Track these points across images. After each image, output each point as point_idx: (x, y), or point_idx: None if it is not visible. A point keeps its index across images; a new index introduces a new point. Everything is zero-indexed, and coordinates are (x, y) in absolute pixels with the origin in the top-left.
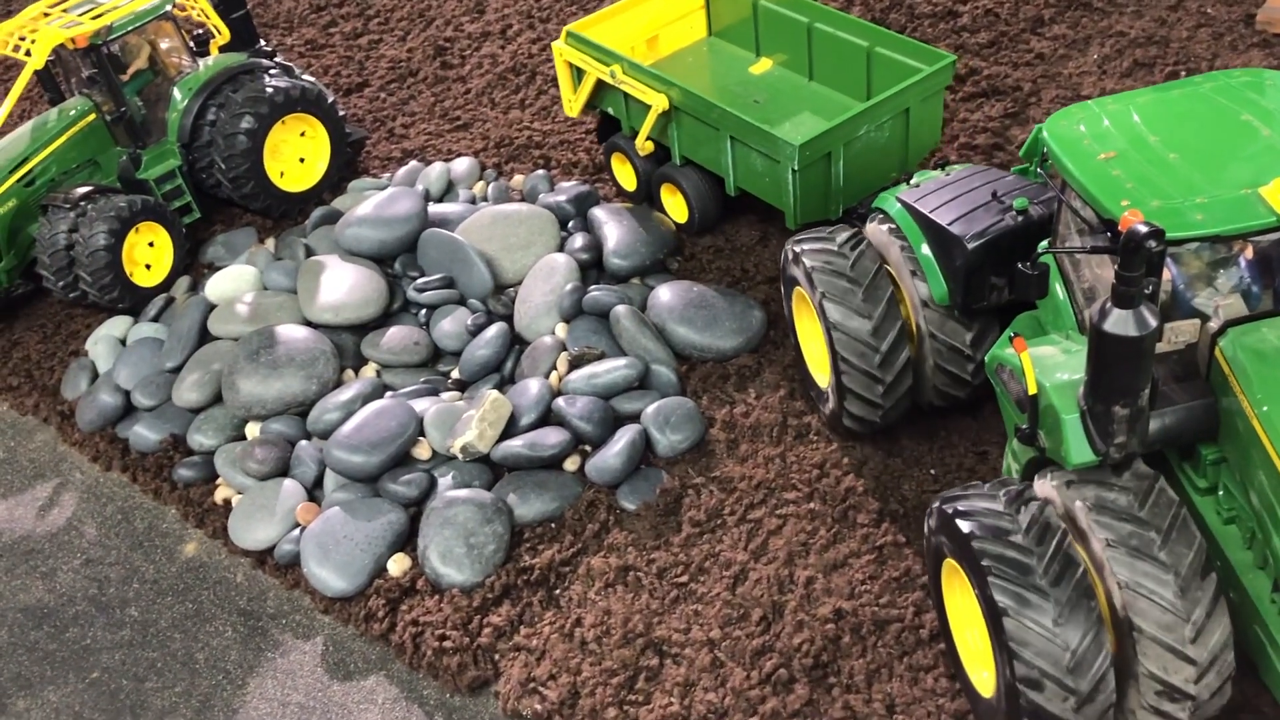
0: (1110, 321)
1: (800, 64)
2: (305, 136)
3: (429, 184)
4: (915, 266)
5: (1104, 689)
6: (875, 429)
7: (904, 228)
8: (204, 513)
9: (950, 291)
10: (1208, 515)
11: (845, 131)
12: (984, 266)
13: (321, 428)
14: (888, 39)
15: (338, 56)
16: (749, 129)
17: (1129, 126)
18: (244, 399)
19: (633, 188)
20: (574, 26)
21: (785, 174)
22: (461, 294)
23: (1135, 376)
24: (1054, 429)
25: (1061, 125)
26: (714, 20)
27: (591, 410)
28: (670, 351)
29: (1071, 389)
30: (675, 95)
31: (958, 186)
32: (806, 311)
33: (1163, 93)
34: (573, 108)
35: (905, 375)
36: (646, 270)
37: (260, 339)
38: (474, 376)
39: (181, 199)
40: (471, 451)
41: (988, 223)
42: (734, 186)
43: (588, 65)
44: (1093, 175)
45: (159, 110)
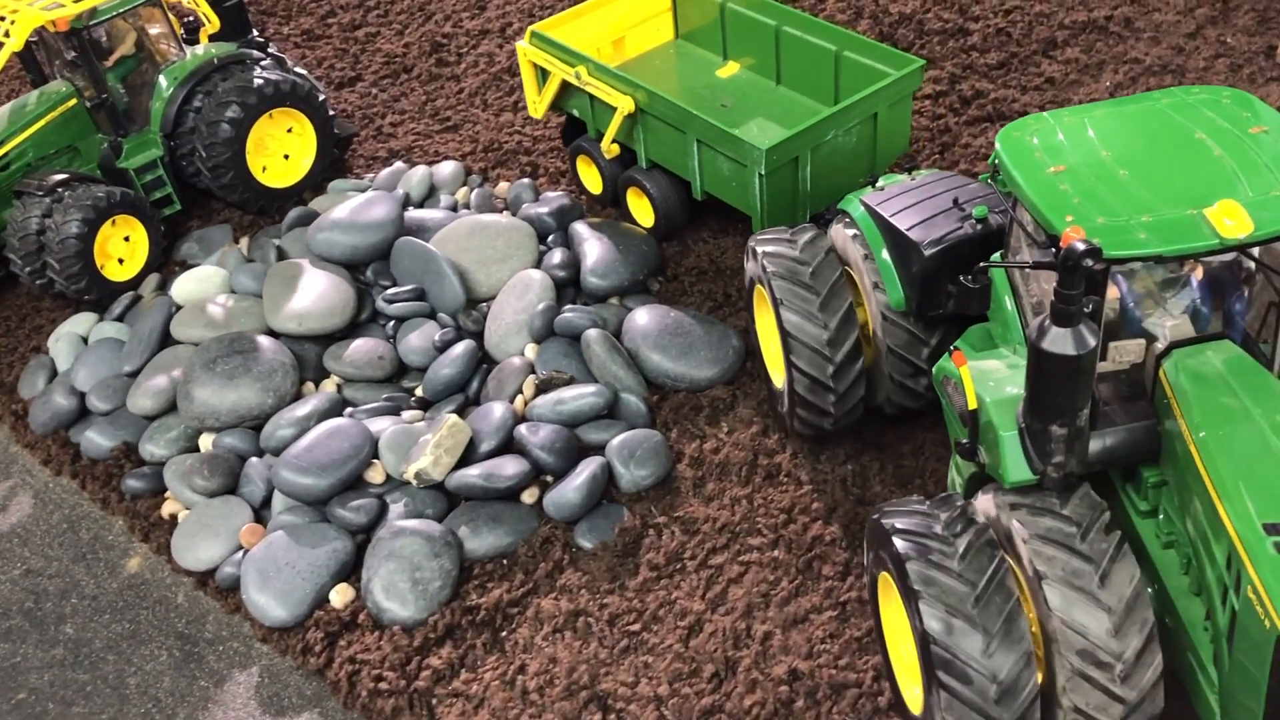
0: (1049, 339)
1: (768, 67)
2: (292, 133)
3: (410, 188)
4: (875, 272)
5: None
6: (826, 433)
7: (865, 231)
8: (150, 527)
9: (906, 298)
10: (1147, 538)
11: (812, 136)
12: (940, 273)
13: (274, 444)
14: (856, 43)
15: (333, 48)
16: (716, 133)
17: (1082, 140)
18: (198, 409)
19: (598, 191)
20: (539, 26)
21: (752, 178)
22: (432, 307)
23: (1074, 396)
24: (993, 445)
25: (1014, 136)
26: (681, 23)
27: (554, 439)
28: (642, 379)
29: (1012, 405)
30: (641, 98)
31: (921, 192)
32: (765, 310)
33: (1119, 107)
34: (537, 109)
35: (858, 385)
36: (625, 290)
37: (219, 347)
38: (438, 396)
39: (162, 190)
40: (425, 478)
41: (946, 229)
42: (701, 191)
43: (552, 66)
44: (1040, 188)
45: (143, 98)
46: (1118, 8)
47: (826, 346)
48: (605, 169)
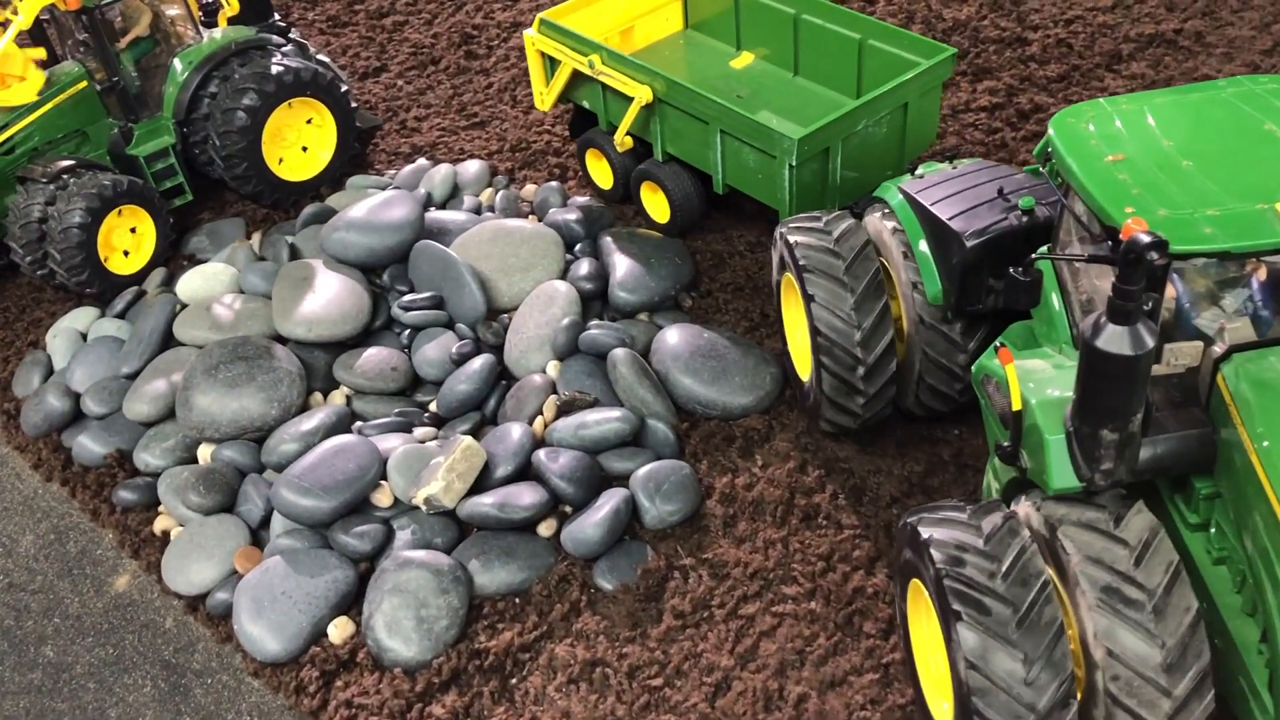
0: (1104, 338)
1: (785, 58)
2: (312, 124)
3: (432, 187)
4: (912, 262)
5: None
6: (861, 410)
7: (903, 220)
8: (141, 543)
9: (945, 291)
10: (1196, 553)
11: (844, 126)
12: (982, 266)
13: (276, 460)
14: (882, 31)
15: (359, 36)
16: (743, 123)
17: (1142, 129)
18: (197, 418)
19: (608, 186)
20: (548, 14)
21: (782, 170)
22: (450, 316)
23: (1128, 399)
24: (1037, 449)
25: (1069, 123)
26: (691, 12)
27: (575, 468)
28: (671, 405)
29: (1058, 408)
30: (660, 87)
31: (963, 180)
32: (795, 299)
33: (1181, 95)
34: (544, 101)
35: (889, 387)
36: (655, 306)
37: (222, 351)
38: (452, 413)
39: (173, 179)
40: (435, 505)
41: (989, 220)
42: (722, 184)
43: (563, 55)
44: (1097, 178)
45: (156, 82)
46: (1188, 20)
47: (859, 347)
48: (617, 163)
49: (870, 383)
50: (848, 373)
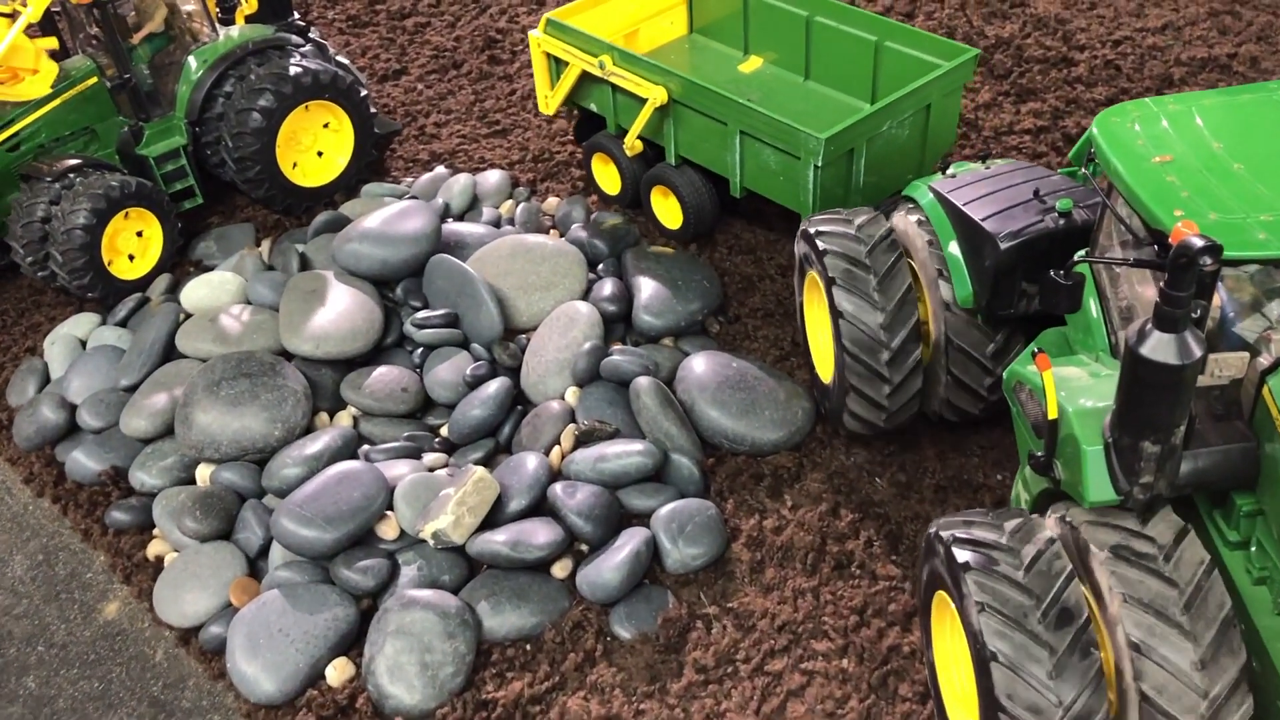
0: (1149, 345)
1: (795, 62)
2: (328, 129)
3: (450, 197)
4: (941, 263)
5: None
6: (877, 432)
7: (933, 219)
8: (134, 568)
9: (975, 294)
10: (1236, 572)
11: (869, 126)
12: (1015, 269)
13: (277, 484)
14: (900, 32)
15: (379, 37)
16: (766, 123)
17: (1190, 130)
18: (196, 437)
19: (616, 191)
20: (555, 14)
21: (806, 171)
22: (465, 335)
23: (1172, 410)
24: (1073, 460)
25: (1114, 122)
26: (697, 16)
27: (593, 504)
28: (696, 439)
29: (1096, 417)
30: (675, 88)
31: (997, 181)
32: (817, 297)
33: (1231, 96)
34: (549, 104)
35: (915, 377)
36: (682, 331)
37: (225, 367)
38: (465, 439)
39: (183, 181)
40: (444, 540)
41: (1025, 222)
42: (740, 187)
43: (571, 56)
44: (1144, 179)
45: (169, 80)
46: (1242, 45)
47: (882, 330)
48: (626, 168)
49: (896, 368)
50: (872, 358)
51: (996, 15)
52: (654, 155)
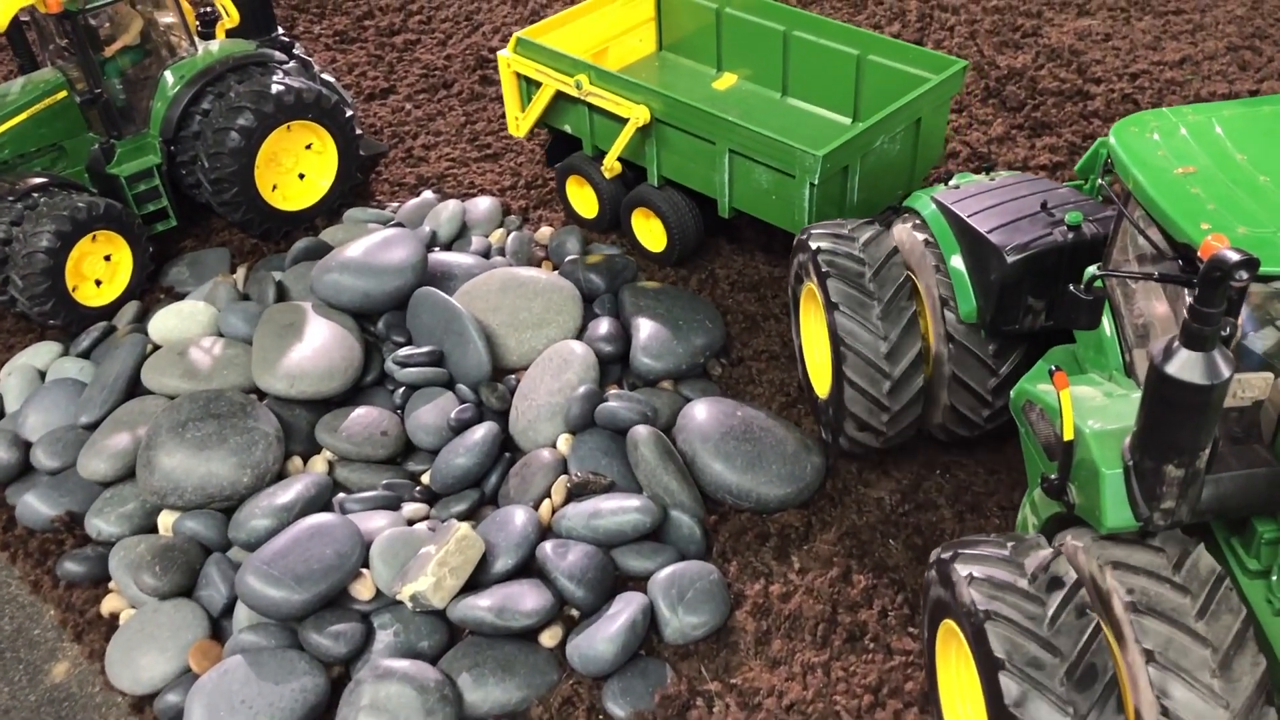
0: (1176, 364)
1: (771, 78)
2: (311, 149)
3: (438, 225)
4: (944, 276)
5: None
6: (880, 441)
7: (936, 232)
8: (86, 625)
9: (980, 309)
10: (1256, 603)
11: (864, 142)
12: (1022, 284)
13: (245, 537)
14: (884, 46)
15: (367, 54)
16: (759, 141)
17: (1212, 140)
18: (159, 482)
19: (592, 215)
20: (526, 32)
21: (801, 190)
22: (451, 375)
23: (1197, 432)
24: (1089, 484)
25: (1132, 132)
26: (666, 33)
27: (586, 566)
28: (697, 494)
29: (1115, 439)
30: (658, 107)
31: (1003, 193)
32: (814, 309)
33: (1251, 108)
34: (520, 126)
35: (915, 404)
36: (683, 375)
37: (193, 406)
38: (448, 489)
39: (156, 202)
40: (423, 603)
41: (1032, 235)
42: (728, 208)
43: (545, 76)
44: (1167, 191)
45: (144, 96)
46: (1264, 81)
47: (885, 360)
48: (604, 190)
49: (896, 397)
50: (873, 387)
51: (1008, 45)
52: (633, 176)
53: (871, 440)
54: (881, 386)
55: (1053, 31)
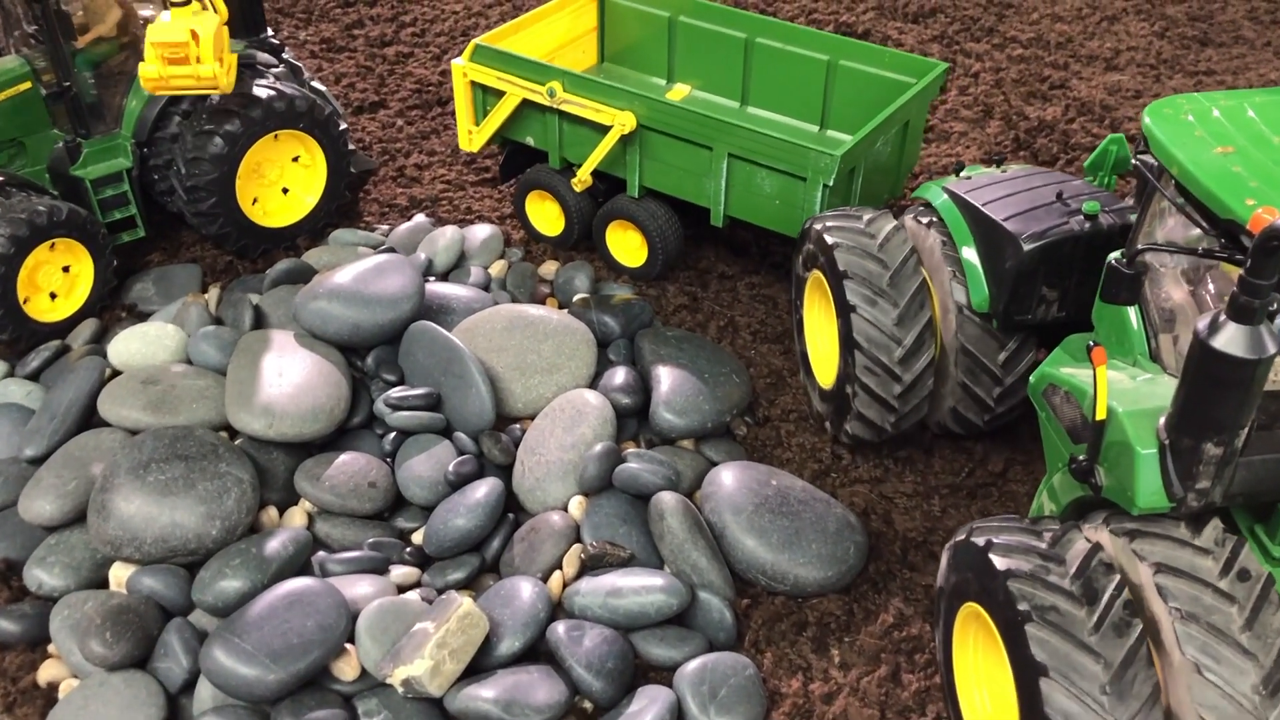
0: (1223, 338)
1: (729, 86)
2: (298, 162)
3: (434, 252)
4: (955, 265)
5: None
6: (882, 438)
7: (948, 221)
8: (19, 695)
9: (992, 297)
10: None
11: (870, 143)
12: (1037, 273)
13: (211, 599)
14: (857, 50)
15: (356, 65)
16: (766, 144)
17: (1246, 123)
18: (114, 530)
19: (557, 232)
20: (485, 39)
21: (814, 192)
22: (448, 421)
23: (1239, 409)
24: (1119, 464)
25: (1166, 113)
26: (608, 43)
27: (605, 654)
28: (727, 573)
29: (1149, 418)
30: (645, 112)
31: (1016, 183)
32: (820, 298)
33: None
34: (474, 141)
35: (926, 376)
36: (707, 434)
37: (156, 445)
38: (443, 552)
39: (124, 210)
40: (417, 689)
41: (1049, 224)
42: (722, 216)
43: (508, 84)
44: (1209, 170)
45: (117, 93)
46: None
47: (895, 326)
48: (573, 205)
49: (908, 367)
50: (883, 389)
51: (1036, 96)
52: (604, 189)
53: (873, 436)
54: (893, 389)
55: (1081, 85)
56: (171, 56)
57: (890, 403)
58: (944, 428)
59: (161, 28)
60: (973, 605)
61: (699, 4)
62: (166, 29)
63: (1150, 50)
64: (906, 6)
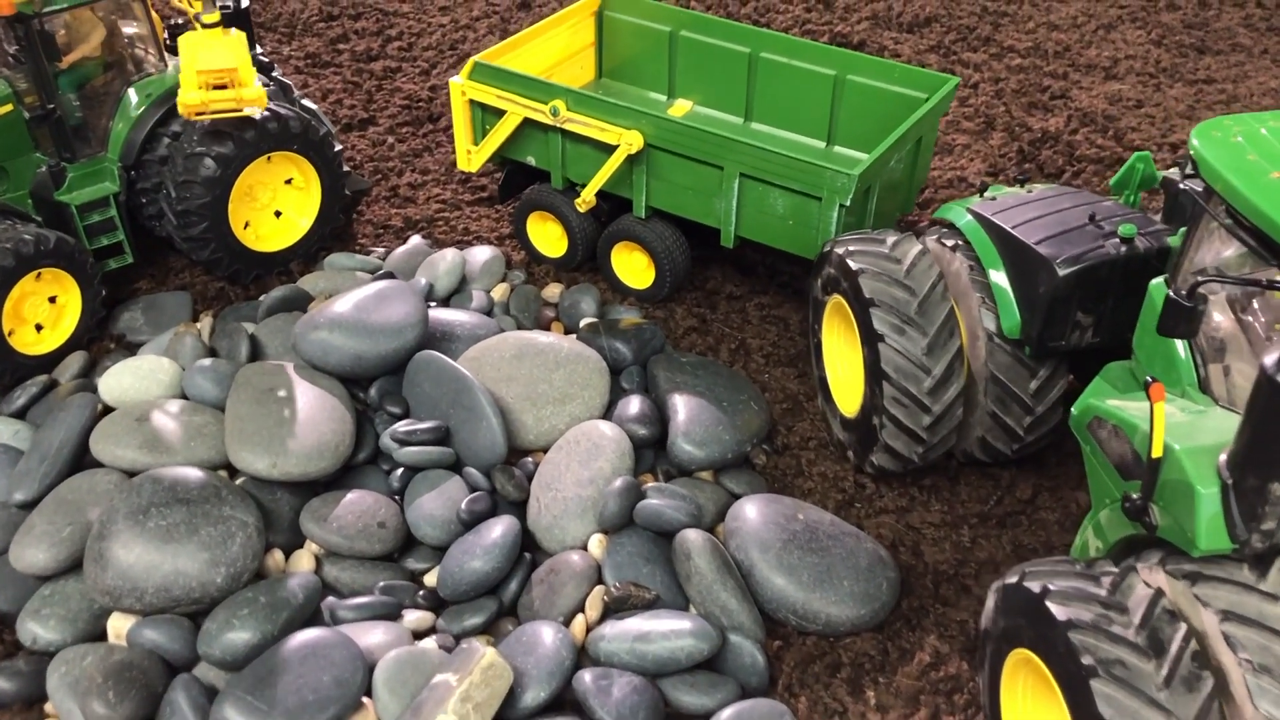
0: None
1: (733, 102)
2: (291, 185)
3: (435, 277)
4: (983, 292)
5: None
6: (908, 469)
7: (975, 244)
8: None
9: (1024, 323)
10: None
11: (884, 161)
12: (1072, 298)
13: (219, 653)
14: (864, 64)
15: (343, 80)
16: (780, 163)
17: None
18: (113, 580)
19: (560, 253)
20: (484, 56)
21: (830, 212)
22: (458, 455)
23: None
24: (1177, 503)
25: (1215, 136)
26: (606, 58)
27: (635, 704)
28: (757, 614)
29: (1208, 456)
30: (653, 131)
31: (1046, 204)
32: (841, 324)
33: None
34: (472, 161)
35: (955, 410)
36: (727, 465)
37: (156, 489)
38: (459, 595)
39: (112, 236)
40: None
41: (1084, 248)
42: (733, 236)
43: (508, 103)
44: (1266, 194)
45: (103, 115)
46: None
47: (925, 355)
48: (576, 226)
49: (937, 398)
50: (911, 420)
51: (1037, 107)
52: (608, 209)
53: (899, 467)
54: (922, 420)
55: (1082, 95)
56: (216, 81)
57: (919, 434)
58: (970, 456)
59: (203, 54)
60: (1025, 652)
61: (701, 18)
62: (210, 55)
63: (1149, 59)
64: (900, 17)
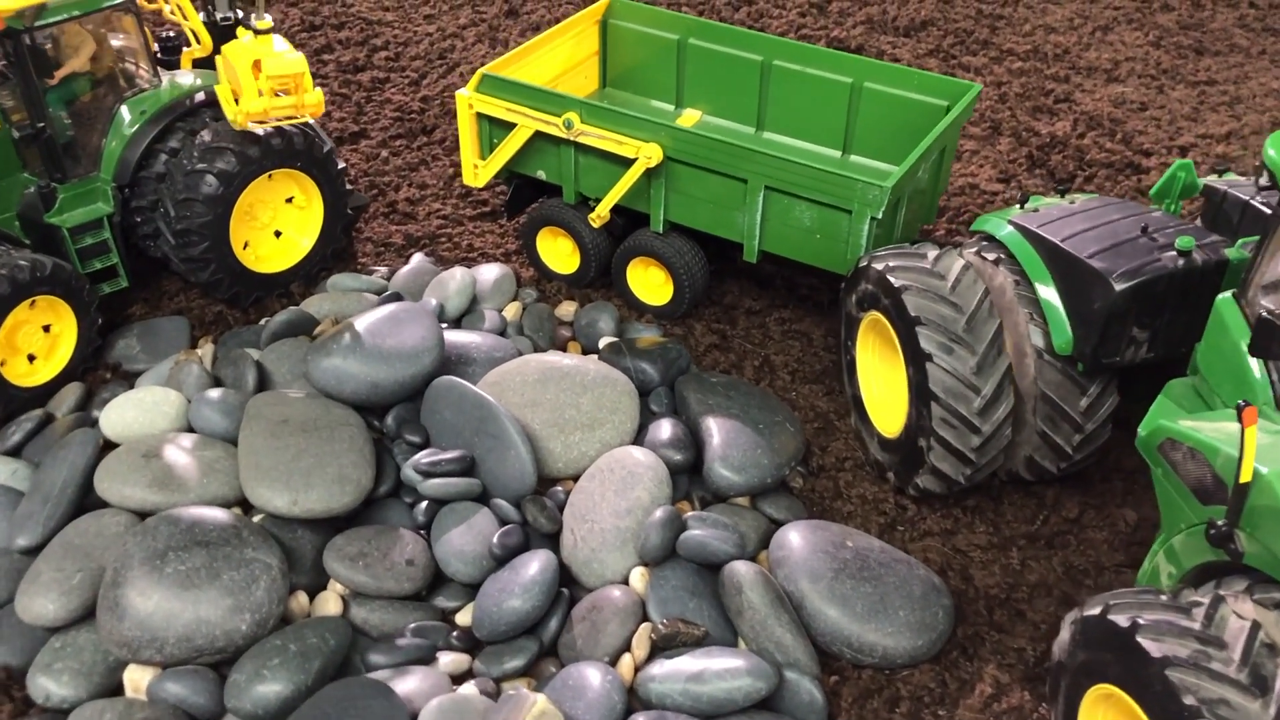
0: None
1: (744, 112)
2: (292, 203)
3: (445, 297)
4: (1030, 307)
5: None
6: (954, 490)
7: (1020, 257)
8: None
9: (1077, 339)
10: None
11: (914, 171)
12: (1129, 313)
13: (250, 707)
14: (883, 72)
15: (331, 92)
16: (808, 176)
17: None
18: (130, 630)
19: (572, 270)
20: (492, 68)
21: (861, 225)
22: (485, 487)
23: None
24: (1268, 530)
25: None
26: (610, 67)
27: None
28: (812, 649)
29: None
30: (673, 144)
31: (1092, 216)
32: (878, 341)
33: None
34: (479, 176)
35: (1004, 430)
36: (766, 490)
37: (172, 531)
38: (497, 636)
39: (105, 259)
40: None
41: (1140, 261)
42: (756, 251)
43: (519, 116)
44: None
45: (94, 133)
46: None
47: (974, 375)
48: (589, 242)
49: (987, 418)
50: (960, 441)
51: (1042, 111)
52: (622, 224)
53: (945, 489)
54: (971, 441)
55: (1085, 98)
56: (282, 87)
57: (968, 455)
58: (1014, 475)
59: (270, 60)
60: (1109, 688)
61: (710, 25)
62: (278, 61)
63: (1149, 60)
64: (895, 21)
